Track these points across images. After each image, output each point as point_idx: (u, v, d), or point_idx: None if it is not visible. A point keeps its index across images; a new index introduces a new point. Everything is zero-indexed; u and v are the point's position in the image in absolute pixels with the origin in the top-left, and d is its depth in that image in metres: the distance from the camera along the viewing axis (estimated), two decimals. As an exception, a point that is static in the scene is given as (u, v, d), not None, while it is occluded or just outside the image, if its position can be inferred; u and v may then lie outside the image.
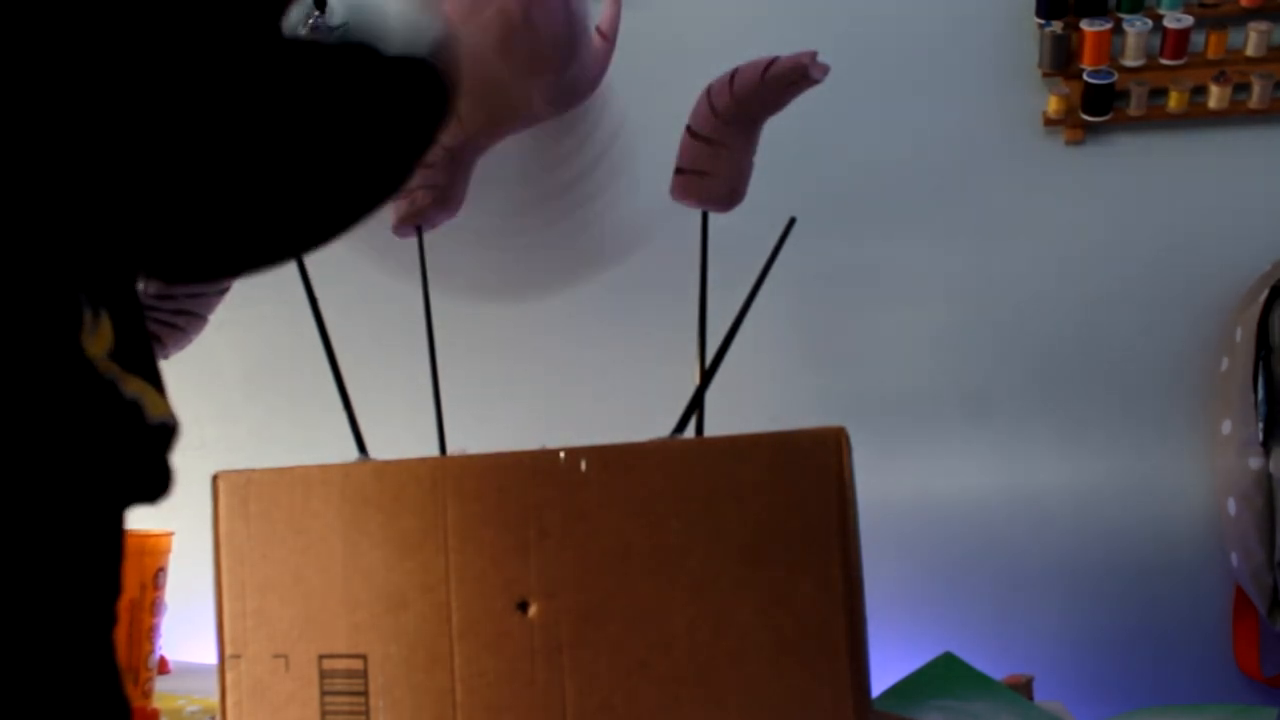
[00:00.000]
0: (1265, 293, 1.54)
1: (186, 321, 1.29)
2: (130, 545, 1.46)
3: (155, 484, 0.65)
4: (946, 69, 1.73)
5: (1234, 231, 1.67)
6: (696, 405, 1.07)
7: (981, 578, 1.69)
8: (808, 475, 0.92)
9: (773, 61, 1.05)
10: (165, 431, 0.65)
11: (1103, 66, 1.64)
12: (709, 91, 1.11)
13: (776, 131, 1.16)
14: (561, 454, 0.98)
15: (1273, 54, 1.63)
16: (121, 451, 0.62)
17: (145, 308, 1.26)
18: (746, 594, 0.92)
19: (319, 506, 1.04)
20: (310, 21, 1.86)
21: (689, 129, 1.13)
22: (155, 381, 0.66)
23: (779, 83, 1.06)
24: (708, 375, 1.09)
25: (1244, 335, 1.56)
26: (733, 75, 1.08)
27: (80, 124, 0.53)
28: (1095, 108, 1.66)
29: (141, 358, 0.65)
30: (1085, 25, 1.64)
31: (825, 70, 1.05)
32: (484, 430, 1.28)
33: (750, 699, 0.92)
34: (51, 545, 0.59)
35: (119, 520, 0.64)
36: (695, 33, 1.80)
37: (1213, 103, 1.64)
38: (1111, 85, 1.64)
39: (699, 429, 1.07)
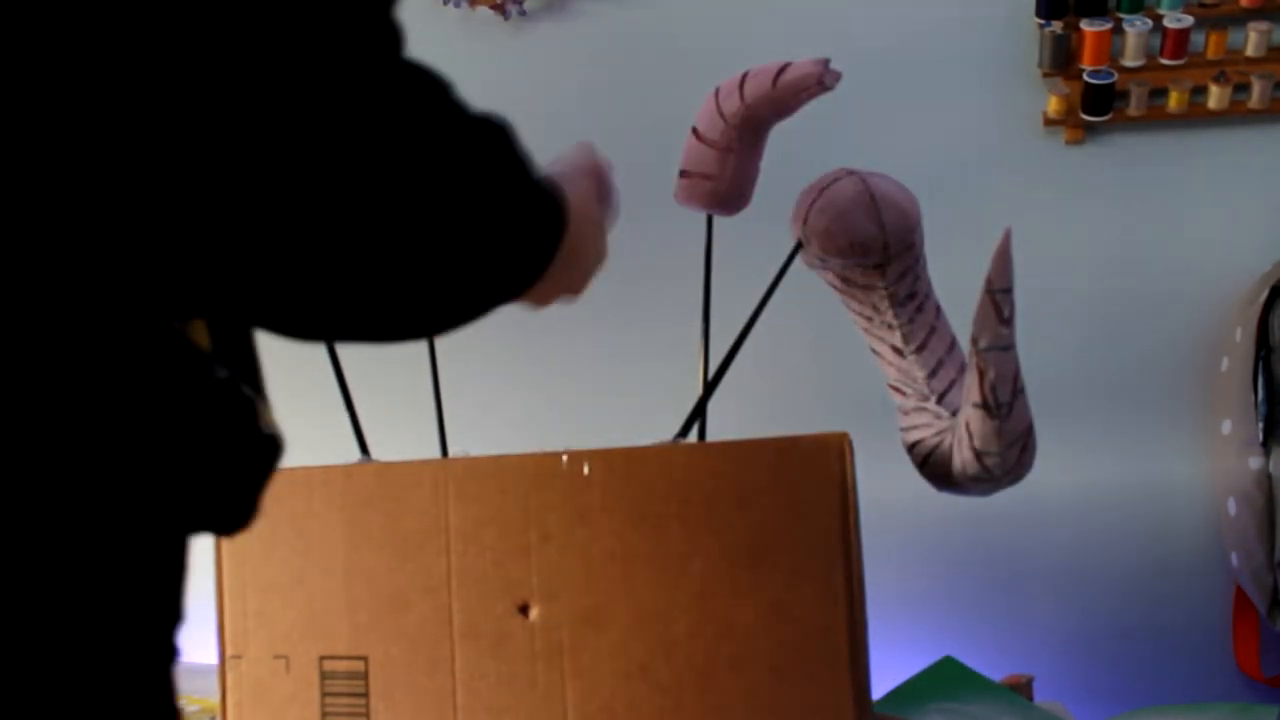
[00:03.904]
0: (1265, 293, 1.54)
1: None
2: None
3: (253, 499, 0.60)
4: (946, 69, 1.73)
5: (1234, 231, 1.67)
6: (699, 413, 1.06)
7: (982, 578, 1.70)
8: (811, 481, 0.92)
9: (784, 68, 1.05)
10: (273, 445, 0.60)
11: (1103, 66, 1.64)
12: (717, 96, 1.10)
13: (776, 131, 1.16)
14: (564, 457, 0.98)
15: (1273, 54, 1.63)
16: (236, 451, 0.58)
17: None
18: (748, 599, 0.93)
19: (321, 507, 1.04)
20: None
21: (695, 132, 1.12)
22: (264, 393, 0.62)
23: (791, 90, 1.05)
24: (711, 385, 1.09)
25: (1244, 335, 1.56)
26: (742, 80, 1.08)
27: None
28: (1095, 108, 1.66)
29: (251, 371, 0.61)
30: (1085, 25, 1.64)
31: (838, 77, 1.05)
32: (486, 433, 1.28)
33: (751, 704, 0.92)
34: (141, 547, 0.55)
35: (188, 536, 0.59)
36: (696, 33, 1.79)
37: (1213, 103, 1.64)
38: (1111, 85, 1.64)
39: (701, 434, 1.07)
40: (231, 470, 0.58)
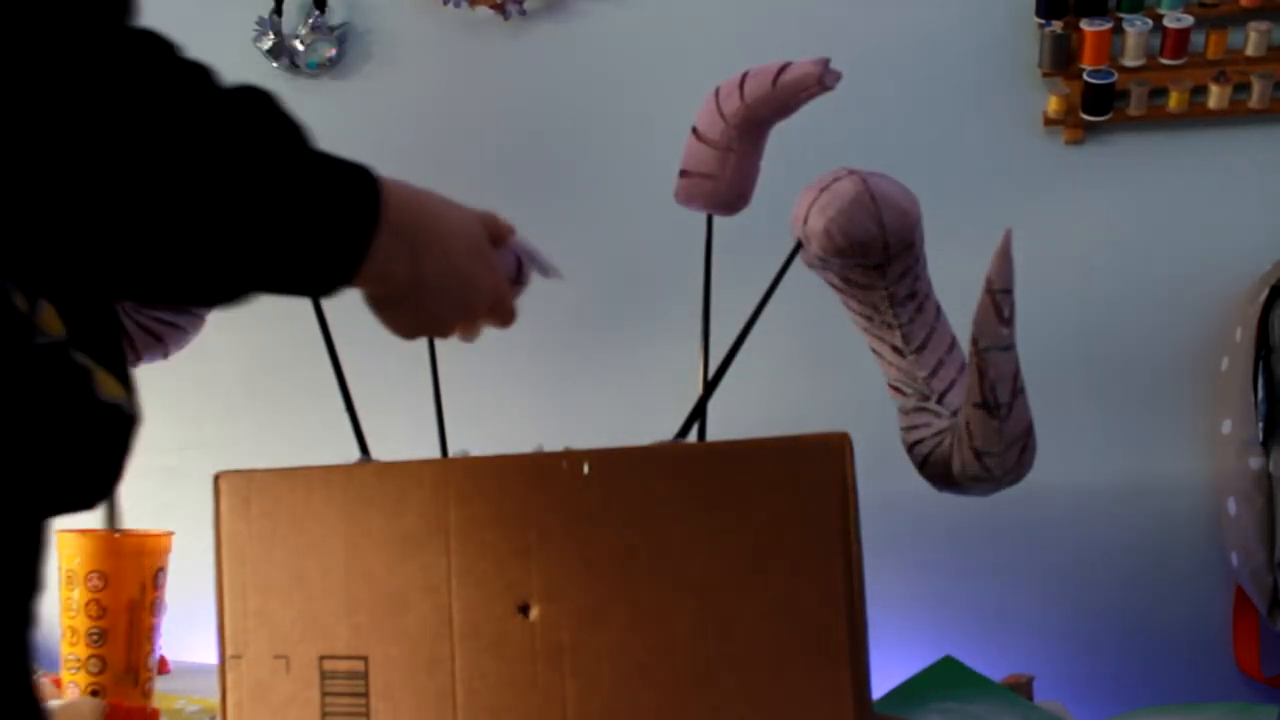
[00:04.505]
0: (1265, 293, 1.54)
1: (186, 321, 1.28)
2: (130, 545, 1.47)
3: (101, 472, 0.59)
4: (946, 69, 1.73)
5: (1234, 231, 1.67)
6: (699, 413, 1.07)
7: (981, 578, 1.70)
8: (811, 481, 0.92)
9: (784, 68, 1.05)
10: (119, 415, 0.59)
11: (1103, 66, 1.64)
12: (717, 95, 1.10)
13: (776, 131, 1.16)
14: (564, 457, 0.98)
15: (1273, 54, 1.63)
16: (66, 417, 0.56)
17: (144, 305, 1.22)
18: (749, 599, 0.92)
19: (321, 507, 1.04)
20: (310, 21, 1.86)
21: (695, 132, 1.12)
22: (117, 372, 0.61)
23: (790, 90, 1.05)
24: (711, 385, 1.09)
25: (1244, 335, 1.56)
26: (743, 80, 1.08)
27: None
28: (1095, 108, 1.66)
29: (106, 350, 0.60)
30: (1085, 25, 1.64)
31: (838, 77, 1.05)
32: (486, 432, 1.28)
33: (751, 704, 0.92)
34: None
35: (36, 510, 0.58)
36: (696, 33, 1.79)
37: (1213, 103, 1.64)
38: (1111, 85, 1.64)
39: (701, 434, 1.07)
40: (65, 440, 0.57)
